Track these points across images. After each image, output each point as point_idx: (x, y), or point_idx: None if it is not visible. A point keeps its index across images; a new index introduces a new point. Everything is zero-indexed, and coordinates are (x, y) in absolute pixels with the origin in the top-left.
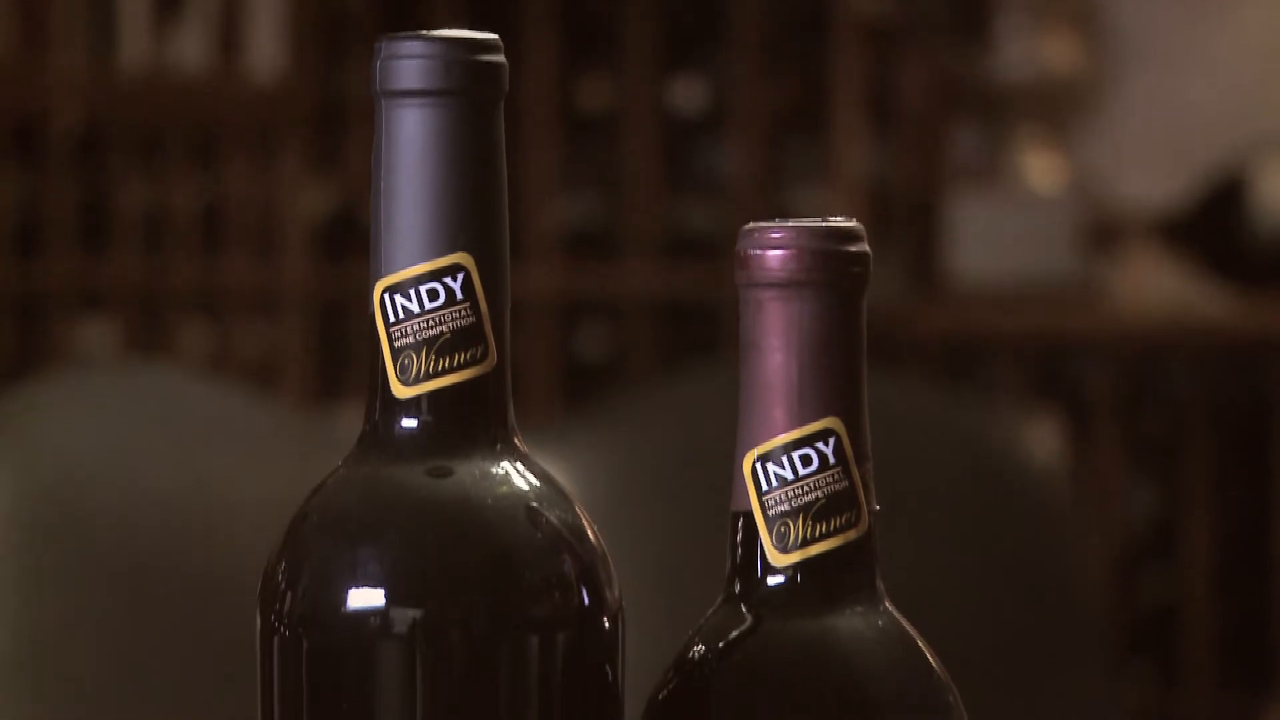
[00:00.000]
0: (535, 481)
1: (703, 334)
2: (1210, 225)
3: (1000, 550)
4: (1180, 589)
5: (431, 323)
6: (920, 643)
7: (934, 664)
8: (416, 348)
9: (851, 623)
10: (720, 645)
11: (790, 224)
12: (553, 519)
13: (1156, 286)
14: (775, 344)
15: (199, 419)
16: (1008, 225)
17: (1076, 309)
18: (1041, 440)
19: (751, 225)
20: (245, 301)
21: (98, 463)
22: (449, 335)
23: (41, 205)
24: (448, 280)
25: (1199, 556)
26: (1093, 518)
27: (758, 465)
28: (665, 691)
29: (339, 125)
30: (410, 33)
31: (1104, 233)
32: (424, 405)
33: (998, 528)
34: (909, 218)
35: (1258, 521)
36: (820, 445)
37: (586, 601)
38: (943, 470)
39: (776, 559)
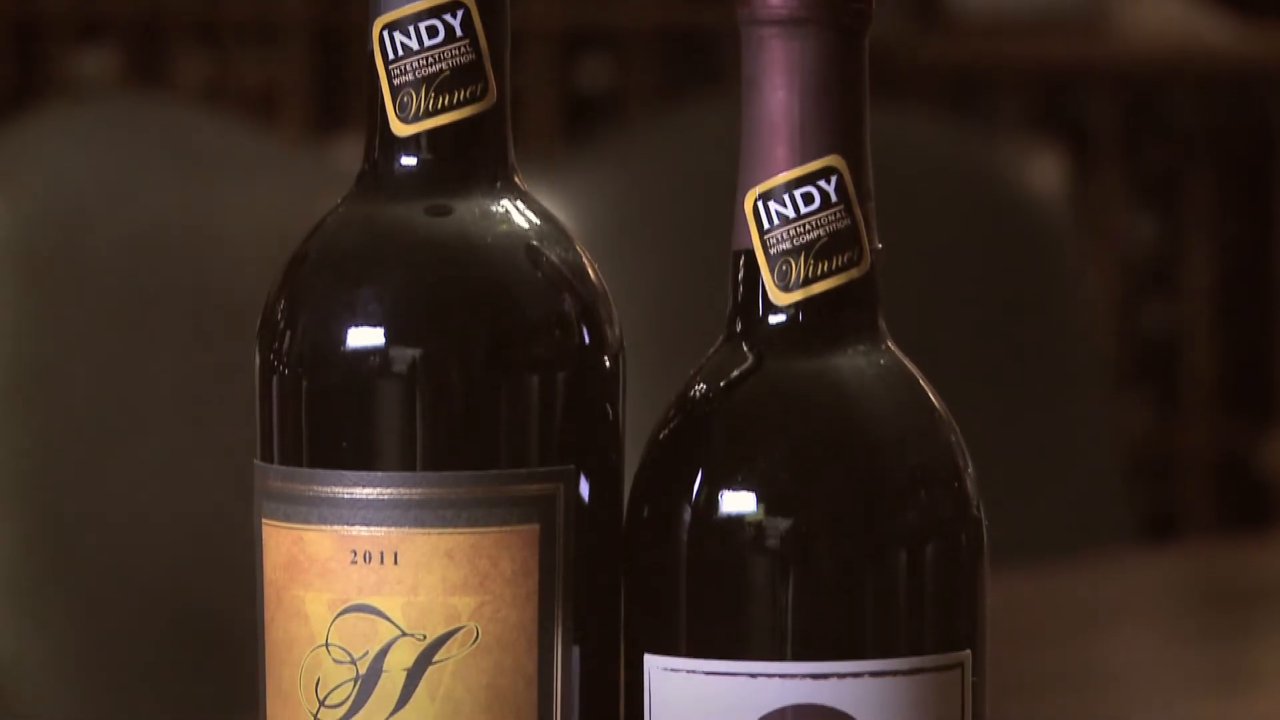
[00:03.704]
0: (535, 220)
1: (706, 66)
2: None
3: (1002, 281)
4: (1181, 318)
5: (431, 60)
6: (922, 381)
7: (936, 403)
8: (415, 85)
9: (854, 361)
10: (722, 384)
11: None
12: (553, 257)
13: (1160, 15)
14: (777, 82)
15: (198, 149)
16: None
17: (1080, 38)
18: (1044, 171)
19: None
20: (244, 30)
21: (95, 193)
22: (448, 73)
23: None
24: (447, 17)
25: (1200, 286)
26: (1094, 248)
27: (759, 203)
28: (666, 430)
29: None
30: None
31: None
32: (423, 143)
33: (1000, 259)
34: None
35: (1259, 251)
36: (822, 183)
37: (587, 340)
38: (945, 204)
39: (778, 298)
